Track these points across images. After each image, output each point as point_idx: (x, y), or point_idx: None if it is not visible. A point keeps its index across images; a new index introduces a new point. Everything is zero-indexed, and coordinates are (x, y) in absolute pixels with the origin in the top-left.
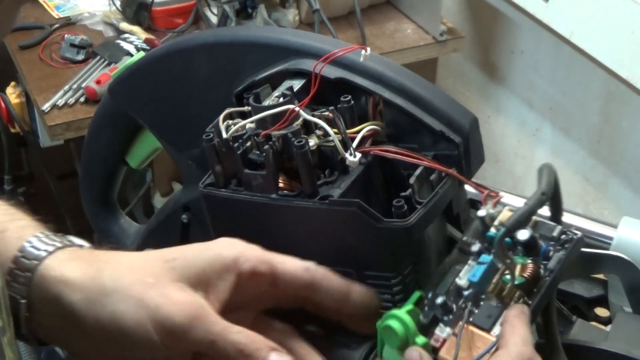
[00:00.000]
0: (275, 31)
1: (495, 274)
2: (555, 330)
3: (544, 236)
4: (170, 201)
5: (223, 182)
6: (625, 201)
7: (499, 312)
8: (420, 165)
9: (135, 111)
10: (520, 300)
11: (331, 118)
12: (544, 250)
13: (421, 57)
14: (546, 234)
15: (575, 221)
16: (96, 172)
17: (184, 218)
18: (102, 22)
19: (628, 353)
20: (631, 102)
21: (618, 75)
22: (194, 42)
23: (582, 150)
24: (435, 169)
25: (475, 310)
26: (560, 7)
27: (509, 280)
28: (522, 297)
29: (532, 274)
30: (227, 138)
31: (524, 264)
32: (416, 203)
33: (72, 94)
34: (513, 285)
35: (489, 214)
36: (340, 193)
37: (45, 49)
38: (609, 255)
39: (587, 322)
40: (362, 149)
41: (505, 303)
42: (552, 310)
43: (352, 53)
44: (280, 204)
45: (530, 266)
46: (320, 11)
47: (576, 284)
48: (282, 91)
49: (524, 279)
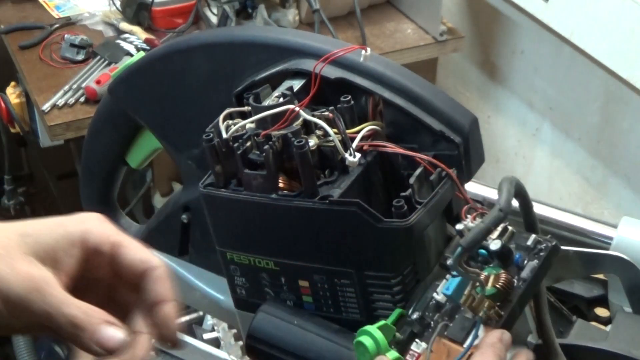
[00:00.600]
0: (275, 31)
1: None
2: (550, 333)
3: (519, 246)
4: (170, 201)
5: (223, 182)
6: (625, 201)
7: (472, 324)
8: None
9: (135, 111)
10: (492, 310)
11: (331, 118)
12: (517, 260)
13: (421, 57)
14: (521, 243)
15: (575, 221)
16: (96, 172)
17: (184, 218)
18: (102, 22)
19: (628, 353)
20: (631, 102)
21: (618, 75)
22: (194, 42)
23: (582, 150)
24: (437, 167)
25: (449, 324)
26: (560, 7)
27: (480, 291)
28: (493, 308)
29: (504, 284)
30: (227, 138)
31: (496, 274)
32: (416, 203)
33: (72, 94)
34: (483, 296)
35: (467, 228)
36: (340, 193)
37: (45, 49)
38: (609, 255)
39: (587, 322)
40: (361, 143)
41: (478, 314)
42: (544, 313)
43: (352, 53)
44: (280, 204)
45: (503, 276)
46: (320, 11)
47: (576, 284)
48: (282, 91)
49: (495, 289)
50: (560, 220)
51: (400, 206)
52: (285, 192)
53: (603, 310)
